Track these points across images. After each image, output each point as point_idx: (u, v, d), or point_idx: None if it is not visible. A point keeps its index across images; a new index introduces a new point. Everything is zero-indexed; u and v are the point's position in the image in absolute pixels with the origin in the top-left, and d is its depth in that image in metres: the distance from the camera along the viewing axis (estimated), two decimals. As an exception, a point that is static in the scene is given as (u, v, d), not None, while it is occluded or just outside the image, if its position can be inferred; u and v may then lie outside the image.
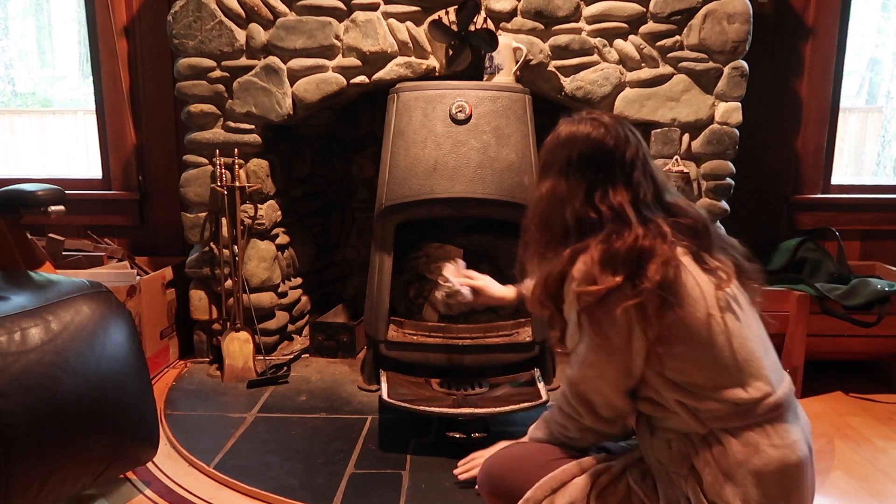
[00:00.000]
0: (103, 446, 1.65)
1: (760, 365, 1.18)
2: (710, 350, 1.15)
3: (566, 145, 1.25)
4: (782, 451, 1.14)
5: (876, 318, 2.42)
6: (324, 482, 1.88)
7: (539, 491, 1.22)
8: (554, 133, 1.29)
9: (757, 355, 1.18)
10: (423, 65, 2.54)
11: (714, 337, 1.15)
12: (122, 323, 1.75)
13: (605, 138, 1.22)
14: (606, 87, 2.53)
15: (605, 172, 1.21)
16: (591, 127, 1.24)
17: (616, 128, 1.24)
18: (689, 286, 1.15)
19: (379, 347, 2.34)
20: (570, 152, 1.23)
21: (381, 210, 2.33)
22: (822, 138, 3.07)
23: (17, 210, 2.07)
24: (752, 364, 1.17)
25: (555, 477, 1.24)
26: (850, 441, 2.19)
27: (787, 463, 1.14)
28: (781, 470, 1.14)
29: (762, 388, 1.16)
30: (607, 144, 1.21)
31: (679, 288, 1.14)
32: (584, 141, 1.23)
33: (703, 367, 1.15)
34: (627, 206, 1.18)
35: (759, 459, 1.13)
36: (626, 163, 1.21)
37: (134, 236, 3.22)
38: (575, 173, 1.23)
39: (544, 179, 1.29)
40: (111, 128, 3.12)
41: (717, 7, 2.46)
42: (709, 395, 1.15)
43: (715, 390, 1.15)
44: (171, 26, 2.52)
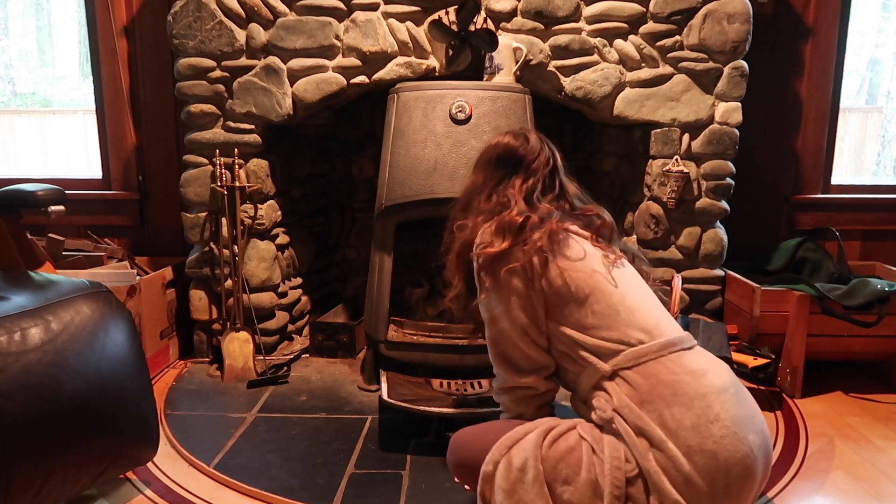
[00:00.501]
0: (103, 446, 1.65)
1: (650, 314, 1.35)
2: (598, 296, 1.34)
3: (491, 149, 1.60)
4: (683, 375, 1.25)
5: (876, 318, 2.42)
6: (324, 482, 1.88)
7: (496, 452, 1.30)
8: (490, 140, 1.64)
9: (646, 305, 1.37)
10: (423, 65, 2.54)
11: (600, 286, 1.36)
12: (122, 323, 1.75)
13: (518, 147, 1.56)
14: (606, 87, 2.53)
15: (511, 171, 1.55)
16: (512, 138, 1.58)
17: (534, 142, 1.57)
18: (575, 249, 1.40)
19: (379, 347, 2.34)
20: (491, 154, 1.59)
21: (381, 210, 2.33)
22: (822, 138, 3.07)
23: (17, 210, 2.07)
24: (641, 312, 1.34)
25: (509, 436, 1.32)
26: (850, 441, 2.19)
27: (693, 386, 1.23)
28: (688, 392, 1.22)
29: (653, 330, 1.31)
30: (518, 152, 1.56)
31: (564, 249, 1.40)
32: (503, 147, 1.58)
33: (594, 313, 1.34)
34: (518, 195, 1.50)
35: (662, 386, 1.24)
36: (530, 167, 1.54)
37: (134, 236, 3.22)
38: (491, 170, 1.57)
39: (473, 173, 1.64)
40: (111, 128, 3.12)
41: (717, 7, 2.46)
42: (604, 336, 1.32)
43: (608, 329, 1.32)
44: (171, 26, 2.53)
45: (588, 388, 1.35)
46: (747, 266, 2.86)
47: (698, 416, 1.20)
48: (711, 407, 1.21)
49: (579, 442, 1.27)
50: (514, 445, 1.30)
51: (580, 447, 1.26)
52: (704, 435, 1.19)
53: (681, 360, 1.28)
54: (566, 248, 1.40)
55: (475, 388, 2.19)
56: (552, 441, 1.28)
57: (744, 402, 1.26)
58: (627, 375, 1.28)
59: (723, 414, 1.21)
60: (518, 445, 1.29)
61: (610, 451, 1.23)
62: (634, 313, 1.34)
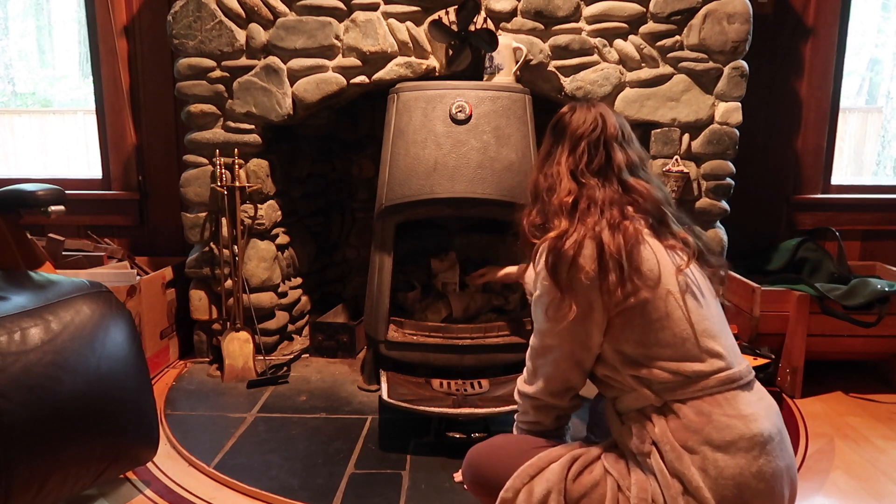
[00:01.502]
0: (103, 446, 1.65)
1: (716, 341, 1.24)
2: (667, 323, 1.22)
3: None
4: (735, 420, 1.18)
5: (876, 318, 2.42)
6: (324, 482, 1.88)
7: (518, 479, 1.26)
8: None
9: (713, 333, 1.25)
10: (423, 65, 2.54)
11: (671, 312, 1.23)
12: (122, 323, 1.75)
13: (565, 114, 1.43)
14: (606, 87, 2.53)
15: (556, 140, 1.43)
16: (568, 108, 1.44)
17: (587, 112, 1.40)
18: (648, 261, 1.24)
19: (379, 347, 2.34)
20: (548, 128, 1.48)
21: (381, 210, 2.33)
22: (822, 138, 3.07)
23: (17, 210, 2.07)
24: (708, 339, 1.23)
25: (532, 464, 1.27)
26: (850, 441, 2.19)
27: (742, 434, 1.17)
28: (736, 440, 1.17)
29: (716, 362, 1.22)
30: (563, 119, 1.43)
31: (638, 261, 1.24)
32: (557, 117, 1.45)
33: (658, 340, 1.22)
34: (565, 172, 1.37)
35: (712, 428, 1.17)
36: (573, 135, 1.39)
37: (134, 236, 3.22)
38: (544, 143, 1.46)
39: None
40: (111, 128, 3.12)
41: (717, 7, 2.46)
42: (663, 367, 1.21)
43: (669, 360, 1.21)
44: (171, 26, 2.53)
45: (630, 409, 1.27)
46: (747, 266, 2.86)
47: (742, 467, 1.15)
48: (757, 459, 1.16)
49: (604, 476, 1.23)
50: (537, 475, 1.25)
51: (605, 482, 1.22)
52: (743, 488, 1.15)
53: (737, 402, 1.20)
54: (640, 261, 1.24)
55: (475, 388, 2.19)
56: (577, 473, 1.23)
57: (785, 452, 1.22)
58: (679, 409, 1.20)
59: (766, 467, 1.16)
60: (541, 476, 1.24)
61: (637, 490, 1.19)
62: (701, 342, 1.23)
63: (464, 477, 1.42)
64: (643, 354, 1.23)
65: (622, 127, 1.40)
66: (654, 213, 1.32)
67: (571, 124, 1.39)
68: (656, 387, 1.22)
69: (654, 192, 1.34)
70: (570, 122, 1.39)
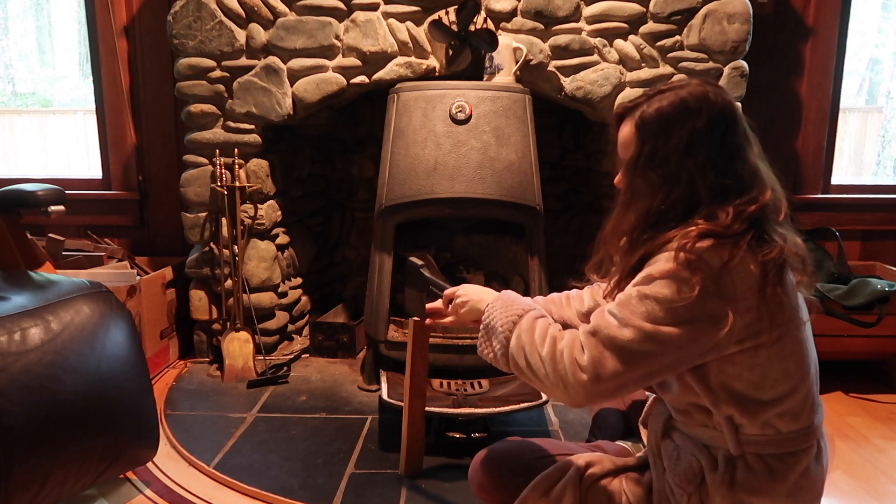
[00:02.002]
0: (103, 446, 1.65)
1: (817, 391, 1.13)
2: (790, 364, 1.07)
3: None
4: (801, 482, 1.09)
5: (876, 318, 2.42)
6: (324, 482, 1.88)
7: (531, 492, 1.22)
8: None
9: (817, 379, 1.13)
10: (423, 65, 2.54)
11: (796, 346, 1.08)
12: (122, 323, 1.75)
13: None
14: (606, 87, 2.53)
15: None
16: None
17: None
18: (792, 294, 1.08)
19: (379, 347, 2.34)
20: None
21: (381, 210, 2.33)
22: (822, 138, 3.07)
23: (17, 210, 2.07)
24: (815, 388, 1.12)
25: (548, 475, 1.23)
26: (850, 441, 2.19)
27: (807, 494, 1.10)
28: (801, 500, 1.10)
29: (810, 417, 1.11)
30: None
31: (789, 295, 1.07)
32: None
33: (778, 378, 1.07)
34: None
35: (781, 488, 1.08)
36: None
37: (134, 236, 3.22)
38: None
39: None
40: (111, 128, 3.12)
41: (717, 7, 2.46)
42: (768, 421, 1.07)
43: (778, 414, 1.07)
44: (171, 26, 2.52)
45: (694, 438, 1.14)
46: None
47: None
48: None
49: (619, 494, 1.19)
50: (551, 487, 1.20)
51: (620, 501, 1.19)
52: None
53: (814, 461, 1.10)
54: (788, 294, 1.06)
55: (475, 388, 2.19)
56: (591, 482, 1.20)
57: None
58: (753, 462, 1.09)
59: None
60: (555, 489, 1.20)
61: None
62: (814, 393, 1.11)
63: (471, 482, 1.38)
64: (754, 400, 1.07)
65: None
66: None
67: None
68: (745, 437, 1.08)
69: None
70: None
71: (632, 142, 1.14)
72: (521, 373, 1.13)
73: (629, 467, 1.25)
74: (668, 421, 1.20)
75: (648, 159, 1.11)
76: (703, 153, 1.08)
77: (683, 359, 1.05)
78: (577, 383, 1.05)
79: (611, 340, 1.04)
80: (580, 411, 2.32)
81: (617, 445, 1.39)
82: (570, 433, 2.16)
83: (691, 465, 1.11)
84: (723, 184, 1.08)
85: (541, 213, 2.33)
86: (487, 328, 1.19)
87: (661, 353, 1.03)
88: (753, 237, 1.04)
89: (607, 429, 1.50)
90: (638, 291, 1.05)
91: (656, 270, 1.05)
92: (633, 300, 1.05)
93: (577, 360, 1.06)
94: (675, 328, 1.02)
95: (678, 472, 1.13)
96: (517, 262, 2.57)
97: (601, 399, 1.10)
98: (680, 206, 1.09)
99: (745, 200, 1.07)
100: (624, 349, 1.03)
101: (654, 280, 1.04)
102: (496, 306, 1.19)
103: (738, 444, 1.08)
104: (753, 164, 1.12)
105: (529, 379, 1.13)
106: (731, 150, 1.10)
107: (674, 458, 1.15)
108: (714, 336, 1.02)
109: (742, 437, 1.08)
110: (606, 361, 1.04)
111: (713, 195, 1.07)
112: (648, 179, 1.11)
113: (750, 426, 1.08)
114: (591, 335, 1.07)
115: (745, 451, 1.09)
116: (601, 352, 1.04)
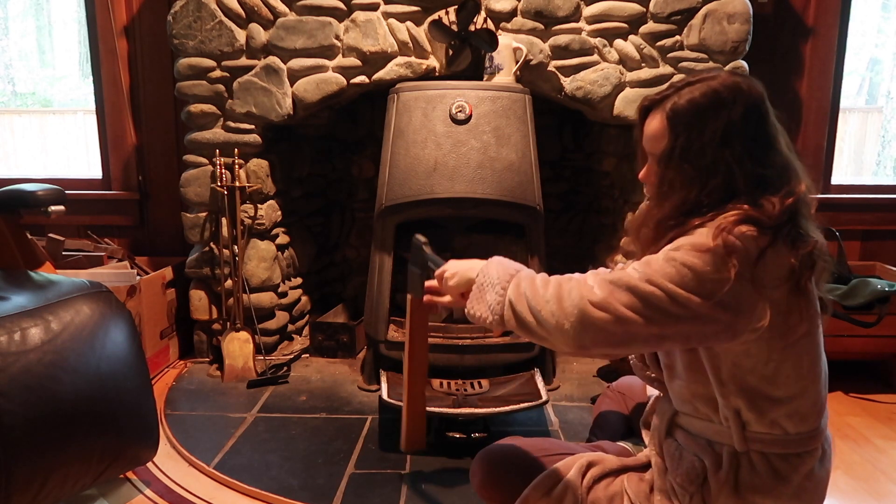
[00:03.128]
0: (103, 446, 1.65)
1: (822, 393, 1.13)
2: (802, 363, 1.08)
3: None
4: (805, 483, 1.09)
5: (876, 318, 2.42)
6: (324, 482, 1.88)
7: (532, 492, 1.21)
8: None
9: (824, 382, 1.13)
10: (423, 65, 2.54)
11: (812, 346, 1.10)
12: (122, 323, 1.75)
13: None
14: (606, 87, 2.53)
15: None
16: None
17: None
18: (814, 282, 1.09)
19: (379, 347, 2.34)
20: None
21: (381, 210, 2.33)
22: (822, 138, 3.07)
23: (17, 210, 2.07)
24: (824, 390, 1.12)
25: (549, 475, 1.23)
26: (850, 441, 2.19)
27: (811, 495, 1.10)
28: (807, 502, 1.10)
29: (817, 419, 1.11)
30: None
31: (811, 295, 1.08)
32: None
33: (790, 375, 1.06)
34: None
35: (785, 489, 1.08)
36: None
37: (134, 236, 3.22)
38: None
39: None
40: (111, 128, 3.12)
41: (717, 7, 2.46)
42: (774, 419, 1.07)
43: (786, 413, 1.07)
44: (171, 26, 2.52)
45: (697, 434, 1.14)
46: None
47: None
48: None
49: (620, 494, 1.18)
50: (553, 486, 1.19)
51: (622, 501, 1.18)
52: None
53: (818, 463, 1.11)
54: (811, 292, 1.09)
55: (475, 388, 2.19)
56: (592, 481, 1.19)
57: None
58: (757, 461, 1.08)
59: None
60: (557, 489, 1.20)
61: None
62: (822, 395, 1.12)
63: (472, 481, 1.37)
64: (764, 395, 1.06)
65: None
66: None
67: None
68: (751, 434, 1.08)
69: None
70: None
71: (663, 134, 1.11)
72: (520, 321, 1.06)
73: (630, 467, 1.24)
74: (672, 418, 1.19)
75: (683, 151, 1.08)
76: (740, 144, 1.06)
77: (698, 334, 1.01)
78: (583, 319, 0.99)
79: (629, 286, 1.00)
80: (580, 411, 2.32)
81: (618, 446, 1.39)
82: (570, 433, 2.16)
83: (693, 466, 1.11)
84: (762, 174, 1.06)
85: (541, 213, 2.33)
86: (481, 286, 1.12)
87: (678, 316, 0.99)
88: (791, 230, 1.04)
89: (608, 429, 1.50)
90: (665, 254, 1.02)
91: (688, 242, 1.02)
92: (660, 261, 1.01)
93: (586, 296, 1.01)
94: (699, 298, 0.98)
95: (680, 472, 1.12)
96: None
97: (606, 346, 1.03)
98: (717, 195, 1.07)
99: (784, 192, 1.05)
100: (643, 296, 0.99)
101: (684, 248, 1.01)
102: (491, 265, 1.14)
103: (744, 440, 1.08)
104: (786, 155, 1.11)
105: (527, 328, 1.05)
106: (765, 141, 1.09)
107: (676, 458, 1.14)
108: (735, 319, 1.00)
109: (748, 434, 1.08)
110: (621, 297, 0.99)
111: (752, 185, 1.06)
112: (684, 171, 1.08)
113: (757, 423, 1.07)
114: (607, 281, 1.02)
115: (751, 448, 1.08)
116: (616, 291, 1.00)
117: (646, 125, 1.16)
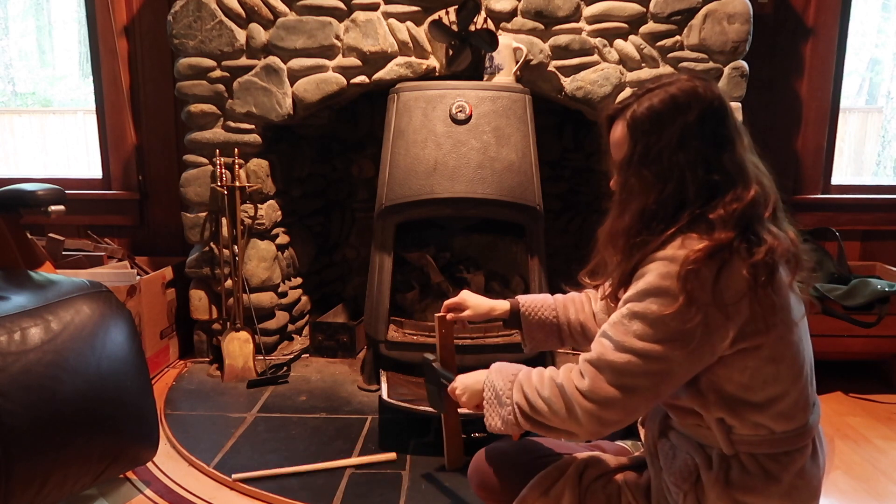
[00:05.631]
0: (103, 446, 1.65)
1: (810, 391, 1.12)
2: (782, 367, 1.06)
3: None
4: (797, 481, 1.09)
5: (876, 318, 2.42)
6: (324, 482, 1.88)
7: (531, 491, 1.22)
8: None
9: (810, 379, 1.12)
10: (424, 65, 2.54)
11: (787, 351, 1.07)
12: (122, 323, 1.75)
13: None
14: (606, 88, 2.53)
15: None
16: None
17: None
18: (783, 294, 1.06)
19: (379, 347, 2.34)
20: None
21: (381, 210, 2.33)
22: (822, 138, 3.07)
23: (17, 210, 2.07)
24: (809, 388, 1.11)
25: (547, 474, 1.23)
26: (850, 441, 2.19)
27: (802, 494, 1.10)
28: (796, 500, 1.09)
29: (803, 417, 1.10)
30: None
31: (779, 296, 1.05)
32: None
33: (767, 381, 1.06)
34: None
35: (776, 488, 1.08)
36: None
37: (134, 236, 3.22)
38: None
39: None
40: (111, 128, 3.12)
41: (717, 7, 2.46)
42: (758, 421, 1.07)
43: (769, 417, 1.07)
44: (171, 26, 2.52)
45: (689, 437, 1.15)
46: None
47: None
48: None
49: (618, 494, 1.19)
50: (551, 486, 1.20)
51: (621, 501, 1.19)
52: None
53: (810, 460, 1.10)
54: (779, 295, 1.05)
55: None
56: (590, 481, 1.20)
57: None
58: (746, 461, 1.08)
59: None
60: (555, 488, 1.20)
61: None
62: (808, 393, 1.11)
63: (471, 480, 1.38)
64: (743, 402, 1.06)
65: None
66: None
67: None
68: (737, 437, 1.09)
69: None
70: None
71: (624, 142, 1.13)
72: (534, 423, 1.14)
73: (628, 466, 1.25)
74: (664, 420, 1.20)
75: (642, 157, 1.10)
76: (694, 147, 1.08)
77: (687, 370, 1.05)
78: (586, 412, 1.07)
79: (608, 365, 1.06)
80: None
81: (616, 445, 1.39)
82: (570, 433, 2.16)
83: (687, 464, 1.12)
84: (710, 180, 1.07)
85: (541, 213, 2.33)
86: (490, 402, 1.22)
87: (660, 371, 1.04)
88: (742, 239, 1.03)
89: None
90: (629, 309, 1.06)
91: (646, 284, 1.05)
92: (625, 319, 1.06)
93: (578, 388, 1.08)
94: (669, 345, 1.02)
95: (674, 470, 1.13)
96: (517, 262, 2.58)
97: (615, 425, 1.09)
98: (670, 204, 1.08)
99: (730, 199, 1.06)
100: (622, 372, 1.04)
101: (644, 296, 1.04)
102: (492, 376, 1.23)
103: (731, 444, 1.09)
104: (740, 157, 1.11)
105: (543, 427, 1.14)
106: (720, 143, 1.09)
107: (670, 457, 1.15)
108: (711, 345, 1.03)
109: (734, 437, 1.09)
110: (605, 387, 1.05)
111: (699, 193, 1.07)
112: (642, 178, 1.10)
113: (741, 427, 1.08)
114: (588, 362, 1.09)
115: (739, 450, 1.09)
116: (598, 378, 1.06)
117: (610, 134, 1.18)
